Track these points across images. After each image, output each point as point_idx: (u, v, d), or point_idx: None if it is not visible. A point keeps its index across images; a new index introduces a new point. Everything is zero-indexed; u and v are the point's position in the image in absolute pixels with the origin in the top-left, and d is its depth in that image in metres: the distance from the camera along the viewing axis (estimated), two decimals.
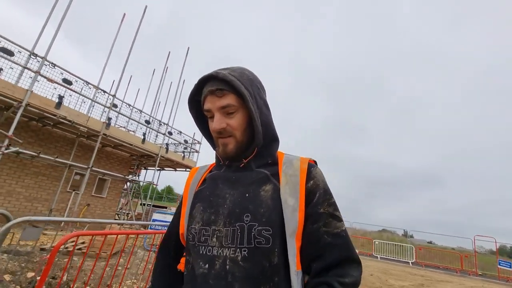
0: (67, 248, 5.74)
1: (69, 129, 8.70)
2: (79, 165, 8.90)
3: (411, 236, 27.81)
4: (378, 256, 16.82)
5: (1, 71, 6.03)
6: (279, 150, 0.86)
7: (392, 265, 14.01)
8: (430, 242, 25.45)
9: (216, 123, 0.74)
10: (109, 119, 8.92)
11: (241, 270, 0.65)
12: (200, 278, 0.69)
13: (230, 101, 0.74)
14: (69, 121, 7.48)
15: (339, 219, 0.72)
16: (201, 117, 0.86)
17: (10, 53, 6.42)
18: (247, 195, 0.73)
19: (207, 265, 0.68)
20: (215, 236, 0.70)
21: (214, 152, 0.88)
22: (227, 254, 0.67)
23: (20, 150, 6.59)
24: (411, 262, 15.88)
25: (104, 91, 8.99)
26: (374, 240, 18.11)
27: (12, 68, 6.67)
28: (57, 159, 8.20)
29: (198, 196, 0.82)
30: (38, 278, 3.65)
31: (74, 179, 9.79)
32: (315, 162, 0.83)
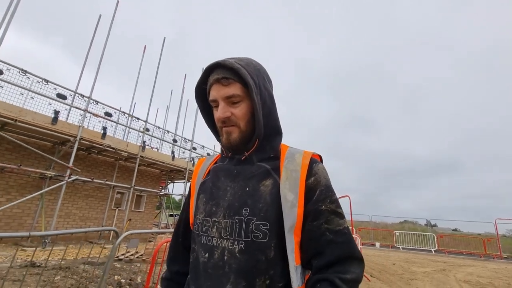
0: (127, 257, 6.73)
1: (111, 154, 9.81)
2: (121, 185, 9.98)
3: (435, 225, 27.61)
4: (400, 247, 16.92)
5: (59, 113, 7.14)
6: (283, 143, 0.85)
7: (415, 254, 14.20)
8: (456, 230, 24.81)
9: (220, 111, 0.74)
10: (144, 142, 10.02)
11: (237, 262, 0.66)
12: (201, 266, 0.71)
13: (236, 91, 0.73)
14: (113, 148, 8.58)
15: (341, 216, 0.71)
16: (207, 107, 0.85)
17: (64, 97, 7.56)
18: (247, 189, 0.73)
19: (207, 254, 0.70)
20: (215, 227, 0.72)
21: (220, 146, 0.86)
22: (226, 245, 0.68)
23: (79, 178, 7.70)
24: (434, 250, 16.05)
25: (138, 118, 10.17)
26: (394, 232, 18.19)
27: (66, 110, 7.86)
28: (106, 182, 9.36)
29: (202, 187, 0.84)
30: (123, 280, 4.57)
31: (116, 198, 10.93)
32: (319, 156, 0.81)
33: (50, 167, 7.99)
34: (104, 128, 8.43)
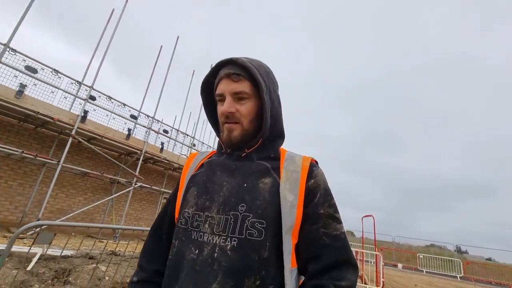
0: None
1: (163, 165, 11.28)
2: (168, 191, 11.38)
3: (465, 252, 25.75)
4: (424, 270, 16.64)
5: (131, 131, 8.68)
6: (282, 147, 0.83)
7: (438, 278, 13.99)
8: (489, 259, 23.18)
9: (226, 105, 0.72)
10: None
11: (227, 260, 0.62)
12: (189, 263, 0.65)
13: (244, 88, 0.73)
14: (168, 160, 10.01)
15: (339, 221, 0.69)
16: (211, 103, 0.83)
17: (135, 117, 9.17)
18: (245, 185, 0.69)
19: (197, 250, 0.65)
20: (207, 222, 0.67)
21: (218, 139, 0.83)
22: (217, 242, 0.64)
23: (143, 185, 9.17)
24: (459, 277, 15.56)
25: (187, 134, 11.65)
26: (418, 254, 17.90)
27: (137, 128, 9.52)
28: (160, 189, 10.82)
29: (193, 180, 0.78)
30: None
31: (163, 203, 12.34)
32: (316, 162, 0.79)
33: (118, 174, 9.53)
34: (162, 144, 9.94)
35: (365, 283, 7.48)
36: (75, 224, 4.28)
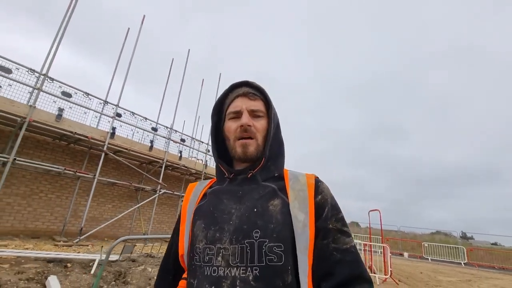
0: None
1: (181, 171, 11.99)
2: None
3: (471, 238, 25.91)
4: (429, 258, 17.04)
5: (153, 142, 9.38)
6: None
7: (443, 265, 14.39)
8: (495, 243, 23.42)
9: (245, 118, 0.73)
10: (206, 161, 12.16)
11: None
12: None
13: (260, 107, 0.76)
14: (186, 167, 10.70)
15: (348, 235, 0.67)
16: (218, 126, 0.83)
17: (155, 129, 9.87)
18: (255, 210, 0.67)
19: (213, 287, 0.61)
20: (220, 255, 0.63)
21: (216, 165, 0.82)
22: (236, 274, 0.60)
23: (166, 191, 9.87)
24: (464, 263, 15.94)
25: (202, 141, 12.35)
26: (423, 243, 18.31)
27: (157, 138, 10.21)
28: (181, 194, 11.55)
29: (198, 212, 0.74)
30: None
31: (180, 205, 13.11)
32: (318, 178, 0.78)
33: (141, 182, 10.26)
34: (180, 152, 10.63)
35: (374, 273, 8.14)
36: (151, 236, 4.92)
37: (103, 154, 7.97)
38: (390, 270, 8.19)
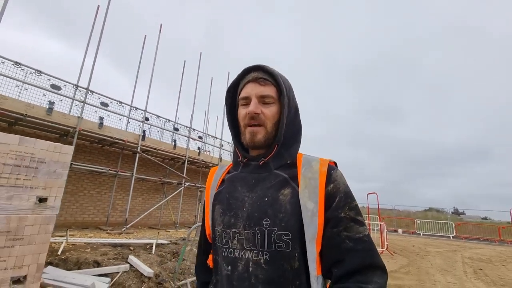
0: None
1: (199, 164, 13.04)
2: (204, 186, 13.26)
3: (462, 213, 27.22)
4: (421, 233, 18.19)
5: (176, 141, 10.38)
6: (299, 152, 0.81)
7: (433, 239, 15.59)
8: (485, 218, 24.77)
9: (253, 106, 0.71)
10: (221, 155, 13.26)
11: (264, 273, 0.63)
12: (225, 279, 0.68)
13: (270, 92, 0.73)
14: (204, 161, 11.79)
15: (362, 224, 0.66)
16: (233, 110, 0.83)
17: (177, 129, 10.84)
18: (266, 199, 0.69)
19: (229, 266, 0.67)
20: (235, 238, 0.68)
21: (234, 149, 0.83)
22: (250, 257, 0.65)
23: (190, 183, 10.98)
24: (452, 236, 17.12)
25: (216, 137, 13.38)
26: (416, 220, 19.51)
27: (179, 138, 11.27)
28: (196, 185, 12.68)
29: (217, 198, 0.79)
30: None
31: (199, 195, 14.27)
32: (335, 163, 0.77)
33: (166, 176, 11.34)
34: (199, 148, 11.67)
35: None
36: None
37: (137, 155, 8.98)
38: (386, 244, 9.46)
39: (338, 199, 0.67)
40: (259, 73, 0.75)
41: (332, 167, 0.73)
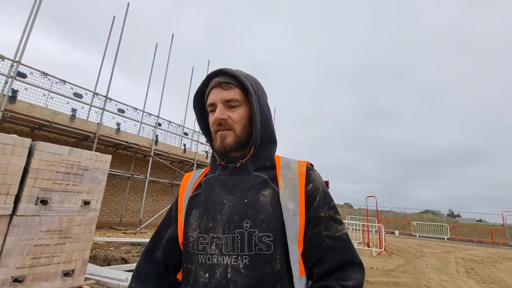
0: None
1: (207, 167, 13.42)
2: None
3: (458, 215, 27.49)
4: (417, 235, 18.59)
5: (185, 145, 10.77)
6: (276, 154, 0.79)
7: (429, 241, 15.94)
8: (480, 220, 25.09)
9: (218, 112, 0.69)
10: None
11: (243, 278, 0.59)
12: (201, 287, 0.62)
13: (235, 95, 0.71)
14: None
15: (340, 222, 0.67)
16: (203, 117, 0.81)
17: (186, 133, 11.26)
18: (246, 200, 0.66)
19: (207, 274, 0.62)
20: (213, 243, 0.64)
21: (212, 153, 0.81)
22: (228, 262, 0.61)
23: None
24: (447, 238, 17.48)
25: None
26: (412, 222, 19.82)
27: (188, 141, 11.66)
28: None
29: (193, 202, 0.74)
30: None
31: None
32: (311, 165, 0.76)
33: (175, 179, 11.75)
34: (206, 152, 12.06)
35: (370, 247, 9.86)
36: None
37: (151, 159, 9.38)
38: (384, 245, 9.88)
39: (318, 198, 0.67)
40: (222, 77, 0.73)
41: (310, 167, 0.73)
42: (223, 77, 0.72)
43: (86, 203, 3.71)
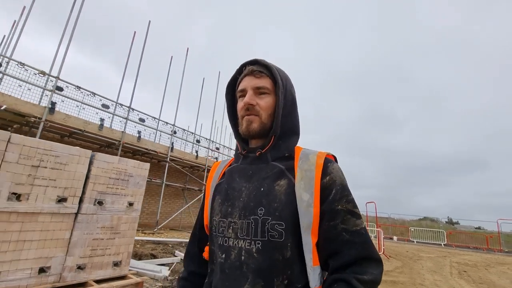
0: None
1: None
2: None
3: (457, 223, 27.51)
4: (415, 240, 18.87)
5: (197, 152, 11.43)
6: (298, 145, 0.80)
7: (426, 246, 16.31)
8: (479, 228, 25.31)
9: (248, 97, 0.72)
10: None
11: (255, 262, 0.62)
12: (218, 266, 0.68)
13: (266, 84, 0.74)
14: None
15: (358, 216, 0.65)
16: (233, 104, 0.84)
17: (198, 141, 11.92)
18: (261, 189, 0.69)
19: (223, 254, 0.67)
20: (231, 227, 0.68)
21: (236, 144, 0.84)
22: (242, 246, 0.65)
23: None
24: (443, 244, 17.81)
25: (231, 148, 14.44)
26: (410, 228, 20.14)
27: (199, 147, 12.29)
28: None
29: (217, 189, 0.79)
30: None
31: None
32: (334, 157, 0.75)
33: (186, 183, 12.35)
34: (216, 158, 12.72)
35: None
36: None
37: (167, 164, 10.01)
38: (383, 249, 10.37)
39: (334, 191, 0.66)
40: (255, 66, 0.76)
41: (329, 159, 0.71)
42: (256, 66, 0.76)
43: (130, 204, 4.33)
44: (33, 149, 3.29)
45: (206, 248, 0.79)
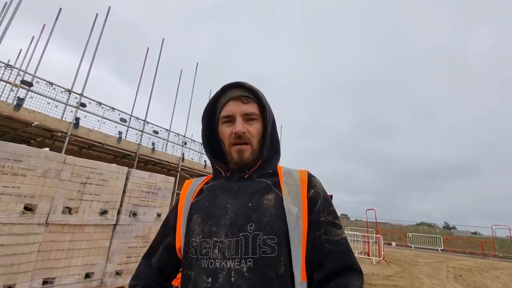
0: None
1: None
2: None
3: (453, 228, 27.82)
4: (413, 246, 18.98)
5: (206, 162, 11.81)
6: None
7: (423, 251, 16.46)
8: (475, 233, 25.37)
9: (239, 125, 0.70)
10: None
11: (246, 282, 0.58)
12: None
13: (254, 110, 0.73)
14: None
15: (339, 227, 0.67)
16: (209, 129, 0.80)
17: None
18: (250, 204, 0.66)
19: (210, 278, 0.60)
20: (216, 248, 0.63)
21: (212, 164, 0.81)
22: (232, 266, 0.60)
23: None
24: (440, 249, 17.89)
25: None
26: (408, 234, 20.36)
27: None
28: None
29: (194, 207, 0.72)
30: None
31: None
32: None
33: None
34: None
35: (370, 257, 10.69)
36: None
37: (178, 174, 10.40)
38: (383, 254, 10.69)
39: (319, 203, 0.68)
40: (241, 90, 0.73)
41: (311, 175, 0.75)
42: (242, 91, 0.73)
43: (159, 215, 4.73)
44: (82, 168, 3.72)
45: (178, 275, 0.74)
